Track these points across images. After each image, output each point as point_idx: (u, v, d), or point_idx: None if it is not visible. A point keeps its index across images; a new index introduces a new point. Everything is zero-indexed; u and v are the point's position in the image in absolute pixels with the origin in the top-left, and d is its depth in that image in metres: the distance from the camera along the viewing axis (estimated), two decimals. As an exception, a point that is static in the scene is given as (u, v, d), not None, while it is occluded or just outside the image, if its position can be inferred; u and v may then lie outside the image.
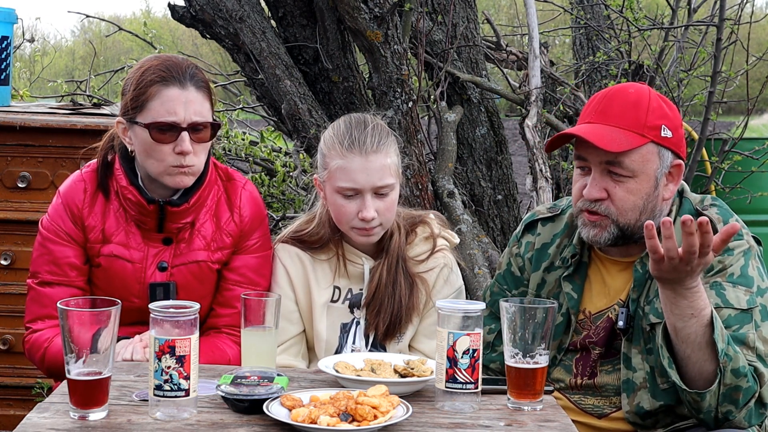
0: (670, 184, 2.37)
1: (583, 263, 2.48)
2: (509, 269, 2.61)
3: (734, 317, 2.21)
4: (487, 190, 5.25)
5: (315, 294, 2.63)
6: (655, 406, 2.36)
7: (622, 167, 2.31)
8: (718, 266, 2.28)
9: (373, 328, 2.60)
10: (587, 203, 2.36)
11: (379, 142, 2.53)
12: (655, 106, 2.34)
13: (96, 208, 2.58)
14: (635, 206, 2.33)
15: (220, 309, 2.64)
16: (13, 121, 3.74)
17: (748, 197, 5.05)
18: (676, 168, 2.36)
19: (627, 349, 2.40)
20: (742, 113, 5.55)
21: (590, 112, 2.38)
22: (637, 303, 2.39)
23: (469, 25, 5.33)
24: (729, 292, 2.24)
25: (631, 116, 2.32)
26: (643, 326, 2.37)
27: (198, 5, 4.59)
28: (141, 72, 2.48)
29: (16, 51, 5.41)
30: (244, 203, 2.64)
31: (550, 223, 2.57)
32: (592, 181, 2.34)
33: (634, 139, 2.30)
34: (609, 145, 2.29)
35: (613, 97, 2.37)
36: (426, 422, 1.98)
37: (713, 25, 4.85)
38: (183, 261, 2.58)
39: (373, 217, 2.52)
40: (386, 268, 2.60)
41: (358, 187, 2.52)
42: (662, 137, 2.32)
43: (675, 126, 2.36)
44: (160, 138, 2.45)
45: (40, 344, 2.54)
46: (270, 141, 5.71)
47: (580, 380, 2.46)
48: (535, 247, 2.56)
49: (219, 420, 1.95)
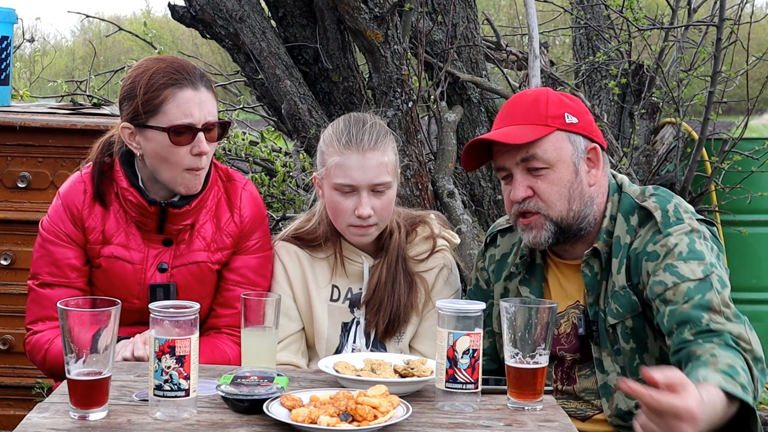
0: (592, 170, 2.39)
1: (538, 266, 2.50)
2: (477, 284, 2.64)
3: (694, 288, 2.18)
4: (487, 190, 5.25)
5: (313, 292, 2.63)
6: (631, 405, 2.35)
7: (537, 159, 2.34)
8: (663, 250, 2.27)
9: (373, 326, 2.61)
10: (517, 206, 2.38)
11: (377, 140, 2.55)
12: (554, 99, 2.39)
13: (96, 210, 2.58)
14: (561, 196, 2.35)
15: (220, 309, 2.64)
16: (13, 121, 3.74)
17: (748, 197, 5.04)
18: (593, 152, 2.39)
19: (597, 353, 2.41)
20: (742, 113, 5.55)
21: (496, 122, 2.44)
22: (596, 306, 2.39)
23: (469, 25, 5.33)
24: (682, 267, 2.22)
25: (532, 112, 2.37)
26: (605, 328, 2.38)
27: (198, 5, 4.59)
28: (148, 75, 2.46)
29: (16, 51, 5.41)
30: (244, 204, 2.64)
31: (509, 233, 2.60)
32: (515, 183, 2.38)
33: (539, 130, 2.35)
34: (514, 138, 2.33)
35: (512, 102, 2.44)
36: (426, 422, 1.98)
37: (713, 25, 4.85)
38: (183, 262, 2.58)
39: (369, 214, 2.53)
40: (386, 266, 2.61)
41: (355, 183, 2.53)
42: (567, 123, 2.36)
43: (579, 112, 2.39)
44: (179, 141, 2.45)
45: (41, 346, 2.55)
46: (270, 141, 5.71)
47: (560, 386, 2.47)
48: (496, 259, 2.59)
49: (219, 420, 1.95)
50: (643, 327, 2.34)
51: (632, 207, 2.38)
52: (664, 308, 2.20)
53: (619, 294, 2.34)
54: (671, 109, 4.98)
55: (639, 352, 2.36)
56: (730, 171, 5.10)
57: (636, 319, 2.33)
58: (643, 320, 2.34)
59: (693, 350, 2.10)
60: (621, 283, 2.34)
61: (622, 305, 2.34)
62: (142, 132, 2.49)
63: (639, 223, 2.36)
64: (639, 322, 2.34)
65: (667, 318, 2.18)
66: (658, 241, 2.29)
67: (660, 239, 2.28)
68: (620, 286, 2.34)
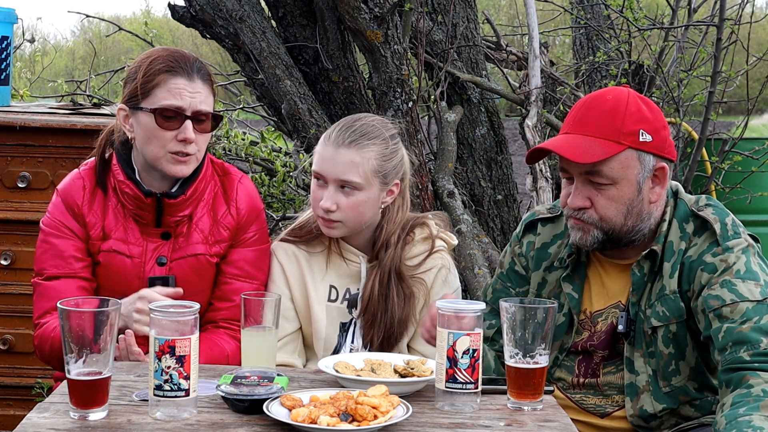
0: (656, 187, 2.37)
1: (582, 263, 2.49)
2: (512, 268, 2.61)
3: (752, 309, 2.22)
4: (487, 190, 5.25)
5: (311, 291, 2.64)
6: (657, 409, 2.37)
7: (601, 176, 2.32)
8: (722, 265, 2.29)
9: (368, 341, 2.62)
10: (572, 211, 2.38)
11: (356, 139, 2.57)
12: (633, 110, 2.33)
13: (95, 205, 2.59)
14: (618, 212, 2.34)
15: (218, 303, 2.65)
16: (13, 121, 3.74)
17: (748, 197, 5.05)
18: (660, 171, 2.36)
19: (629, 352, 2.41)
20: (742, 113, 5.55)
21: (569, 122, 2.39)
22: (637, 306, 2.40)
23: (469, 25, 5.33)
24: (741, 287, 2.25)
25: (607, 124, 2.32)
26: (644, 330, 2.38)
27: (198, 5, 4.59)
28: (149, 61, 2.52)
29: (16, 51, 5.41)
30: (240, 197, 2.66)
31: (550, 223, 2.57)
32: (574, 191, 2.36)
33: (610, 148, 2.30)
34: (581, 157, 2.30)
35: (590, 106, 2.37)
36: (426, 422, 1.98)
37: (713, 25, 4.85)
38: (182, 255, 2.59)
39: (329, 208, 2.56)
40: (378, 281, 2.61)
41: (323, 173, 2.58)
42: (641, 142, 2.32)
43: (655, 129, 2.34)
44: (165, 125, 2.49)
45: (47, 335, 2.54)
46: (270, 141, 5.71)
47: (582, 379, 2.46)
48: (535, 247, 2.57)
49: (219, 420, 1.95)
50: (684, 334, 2.36)
51: (687, 215, 2.39)
52: (719, 324, 2.22)
53: (668, 298, 2.35)
54: (671, 109, 4.98)
55: (676, 358, 2.37)
56: (730, 171, 5.11)
57: (680, 325, 2.35)
58: (685, 328, 2.35)
59: (746, 377, 2.14)
60: (672, 288, 2.35)
61: (669, 309, 2.35)
62: (134, 114, 2.53)
63: (694, 231, 2.37)
64: (682, 329, 2.35)
65: (722, 334, 2.21)
66: (717, 253, 2.30)
67: (719, 252, 2.30)
68: (671, 290, 2.35)
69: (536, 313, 2.07)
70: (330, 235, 2.62)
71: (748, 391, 2.10)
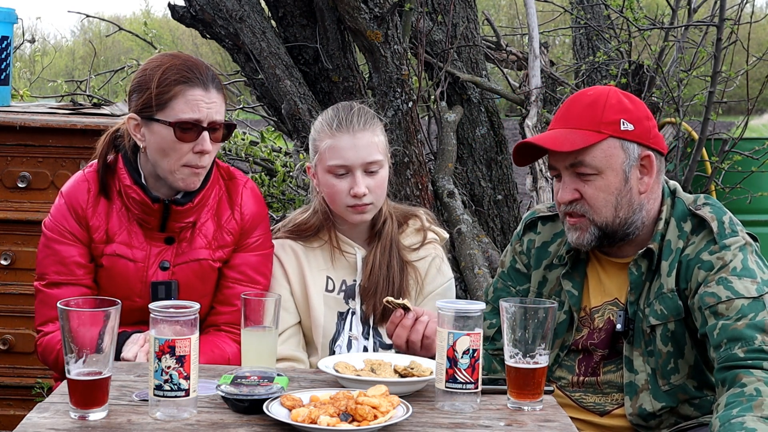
0: (644, 177, 2.38)
1: (581, 261, 2.50)
2: (513, 266, 2.62)
3: (748, 306, 2.22)
4: (487, 190, 5.25)
5: (309, 281, 2.68)
6: (656, 407, 2.37)
7: (585, 165, 2.34)
8: (719, 263, 2.30)
9: (371, 310, 2.64)
10: (564, 206, 2.40)
11: (366, 121, 2.63)
12: (614, 102, 2.36)
13: (100, 208, 2.58)
14: (608, 202, 2.36)
15: (219, 307, 2.65)
16: (13, 121, 3.74)
17: (748, 197, 5.05)
18: (647, 159, 2.37)
19: (629, 351, 2.41)
20: (742, 113, 5.55)
21: (553, 120, 2.44)
22: (636, 305, 2.40)
23: (469, 25, 5.33)
24: (737, 284, 2.26)
25: (588, 116, 2.35)
26: (643, 328, 2.39)
27: (198, 5, 4.59)
28: (162, 70, 2.48)
29: (16, 51, 5.42)
30: (245, 201, 2.65)
31: (550, 222, 2.59)
32: (563, 185, 2.39)
33: (590, 137, 2.33)
34: (561, 146, 2.33)
35: (572, 102, 2.42)
36: (426, 422, 1.98)
37: (713, 25, 4.85)
38: (185, 260, 2.59)
39: (365, 192, 2.59)
40: (380, 251, 2.67)
41: (348, 164, 2.59)
42: (622, 131, 2.34)
43: (637, 118, 2.36)
44: (183, 137, 2.47)
45: (53, 346, 2.54)
46: (270, 141, 5.71)
47: (582, 378, 2.47)
48: (536, 245, 2.58)
49: (219, 420, 1.95)
50: (683, 333, 2.36)
51: (685, 213, 2.40)
52: (715, 321, 2.23)
53: (666, 296, 2.36)
54: (671, 109, 4.99)
55: (675, 357, 2.37)
56: (730, 171, 5.11)
57: (678, 323, 2.36)
58: (683, 326, 2.36)
59: (739, 376, 2.14)
60: (670, 286, 2.36)
61: (667, 307, 2.36)
62: (148, 125, 2.50)
63: (692, 230, 2.38)
64: (680, 327, 2.36)
65: (718, 331, 2.22)
66: (714, 251, 2.31)
67: (716, 250, 2.31)
68: (669, 289, 2.36)
69: (536, 313, 2.07)
70: (363, 220, 2.65)
71: (741, 391, 2.11)
